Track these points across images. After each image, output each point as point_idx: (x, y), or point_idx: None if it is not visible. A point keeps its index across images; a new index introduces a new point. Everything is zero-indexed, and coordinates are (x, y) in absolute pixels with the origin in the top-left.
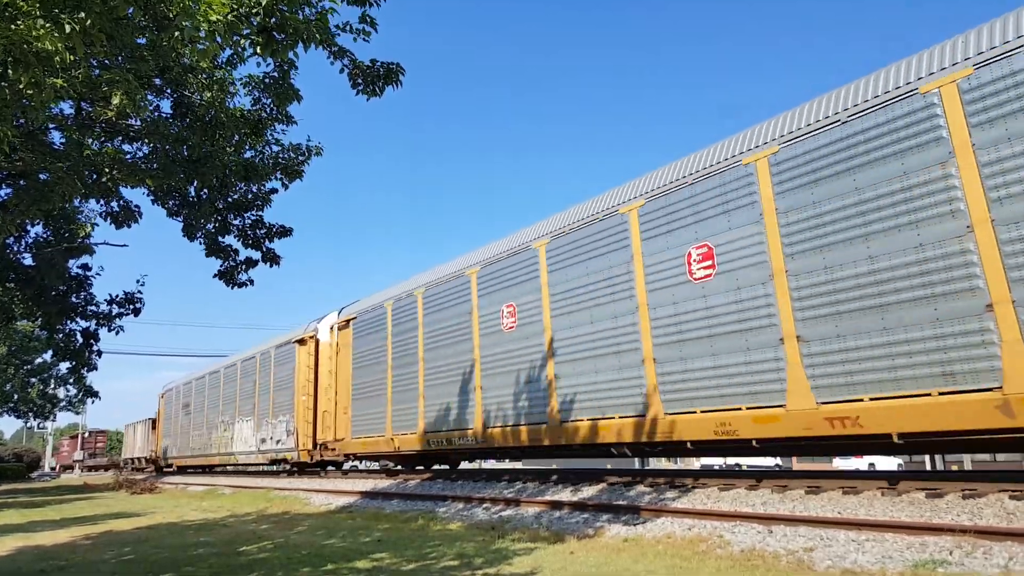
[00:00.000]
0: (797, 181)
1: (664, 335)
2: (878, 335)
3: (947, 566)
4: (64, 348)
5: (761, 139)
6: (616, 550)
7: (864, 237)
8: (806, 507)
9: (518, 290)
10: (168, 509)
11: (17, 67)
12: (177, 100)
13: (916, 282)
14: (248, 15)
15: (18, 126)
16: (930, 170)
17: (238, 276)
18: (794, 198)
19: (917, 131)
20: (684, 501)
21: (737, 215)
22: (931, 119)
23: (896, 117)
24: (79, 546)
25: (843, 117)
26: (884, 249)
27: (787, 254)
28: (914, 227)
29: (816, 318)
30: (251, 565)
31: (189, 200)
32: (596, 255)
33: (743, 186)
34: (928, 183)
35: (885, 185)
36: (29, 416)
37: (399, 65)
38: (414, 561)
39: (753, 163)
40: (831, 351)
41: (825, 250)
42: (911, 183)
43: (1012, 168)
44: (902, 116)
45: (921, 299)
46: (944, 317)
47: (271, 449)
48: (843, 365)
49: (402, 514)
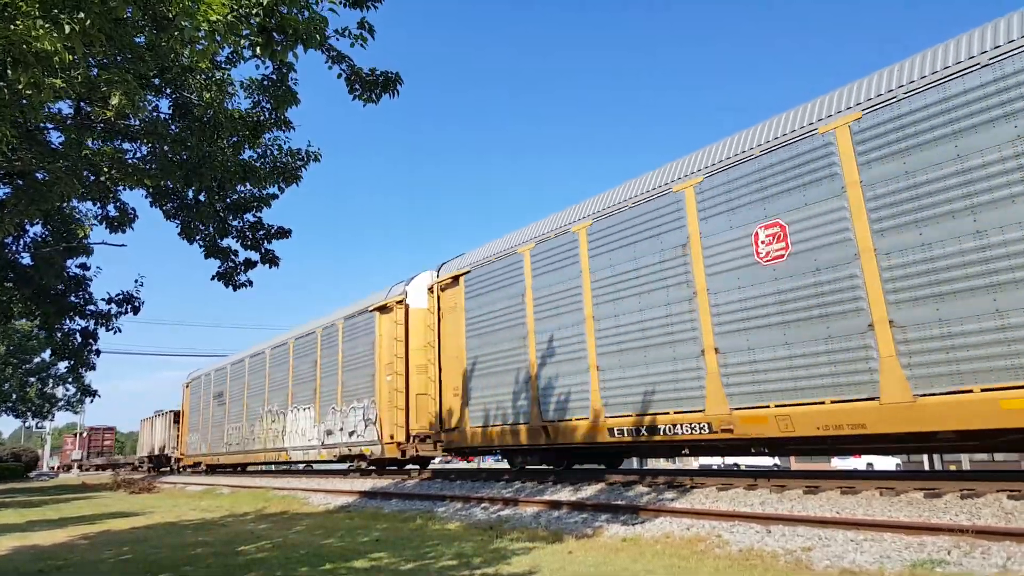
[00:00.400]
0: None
1: (727, 323)
2: (983, 320)
3: (945, 566)
4: (63, 347)
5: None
6: (614, 550)
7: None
8: (804, 507)
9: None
10: (166, 509)
11: (16, 67)
12: (176, 101)
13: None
14: (248, 15)
15: (16, 124)
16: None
17: (237, 277)
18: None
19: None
20: (682, 501)
21: (814, 189)
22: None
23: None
24: (77, 546)
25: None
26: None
27: (875, 231)
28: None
29: (912, 301)
30: (249, 565)
31: (187, 202)
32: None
33: (820, 157)
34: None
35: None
36: (27, 416)
37: (397, 74)
38: (412, 561)
39: (832, 131)
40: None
41: (922, 224)
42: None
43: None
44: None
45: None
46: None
47: (341, 443)
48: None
49: (401, 514)
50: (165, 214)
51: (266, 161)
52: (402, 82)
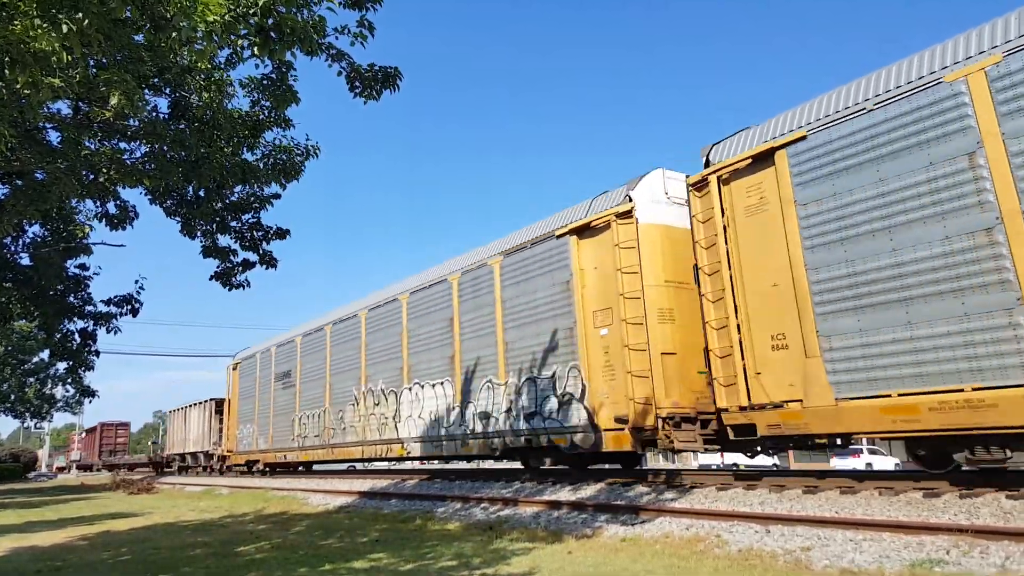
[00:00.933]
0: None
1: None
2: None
3: (944, 565)
4: (62, 348)
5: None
6: (614, 550)
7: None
8: (804, 507)
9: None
10: (165, 509)
11: (15, 67)
12: (175, 101)
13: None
14: (245, 15)
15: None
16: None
17: (235, 278)
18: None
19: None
20: (682, 501)
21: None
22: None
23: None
24: (76, 547)
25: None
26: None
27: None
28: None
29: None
30: (248, 565)
31: (187, 200)
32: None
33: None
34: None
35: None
36: (26, 416)
37: (397, 69)
38: (412, 561)
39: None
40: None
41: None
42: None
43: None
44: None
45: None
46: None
47: (507, 430)
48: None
49: (400, 514)
50: (165, 211)
51: (267, 162)
52: (402, 77)
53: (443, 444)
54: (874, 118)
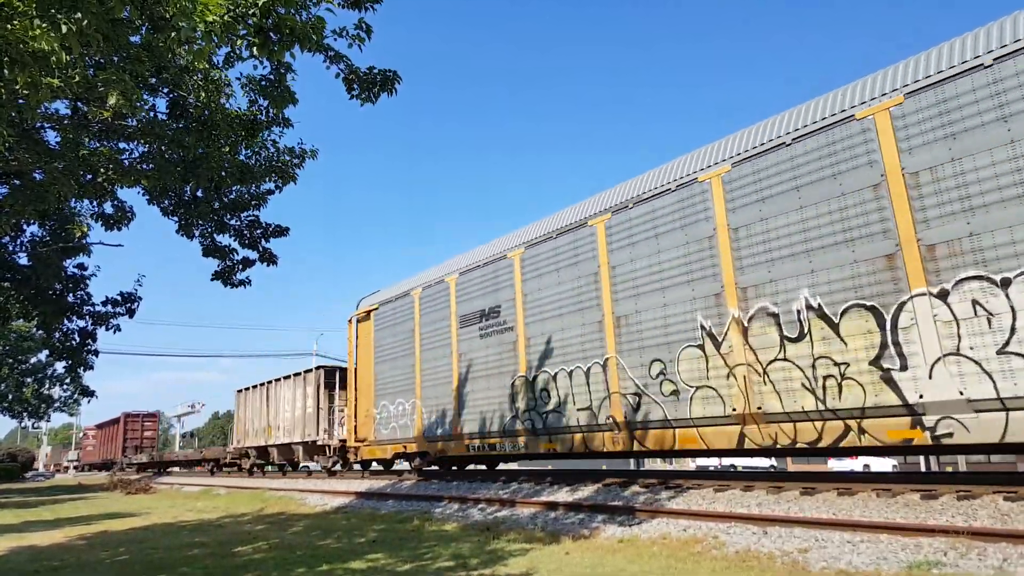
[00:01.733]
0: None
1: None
2: None
3: (942, 567)
4: (61, 347)
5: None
6: (611, 551)
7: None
8: (801, 508)
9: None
10: (163, 510)
11: (14, 67)
12: (173, 101)
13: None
14: (245, 15)
15: (12, 124)
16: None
17: (235, 276)
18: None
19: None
20: (679, 502)
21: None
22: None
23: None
24: (73, 546)
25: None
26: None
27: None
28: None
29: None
30: (247, 565)
31: (185, 200)
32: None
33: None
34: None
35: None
36: (24, 416)
37: (395, 72)
38: (409, 562)
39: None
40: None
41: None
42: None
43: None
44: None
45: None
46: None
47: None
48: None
49: (398, 515)
50: (163, 211)
51: (261, 158)
52: (400, 80)
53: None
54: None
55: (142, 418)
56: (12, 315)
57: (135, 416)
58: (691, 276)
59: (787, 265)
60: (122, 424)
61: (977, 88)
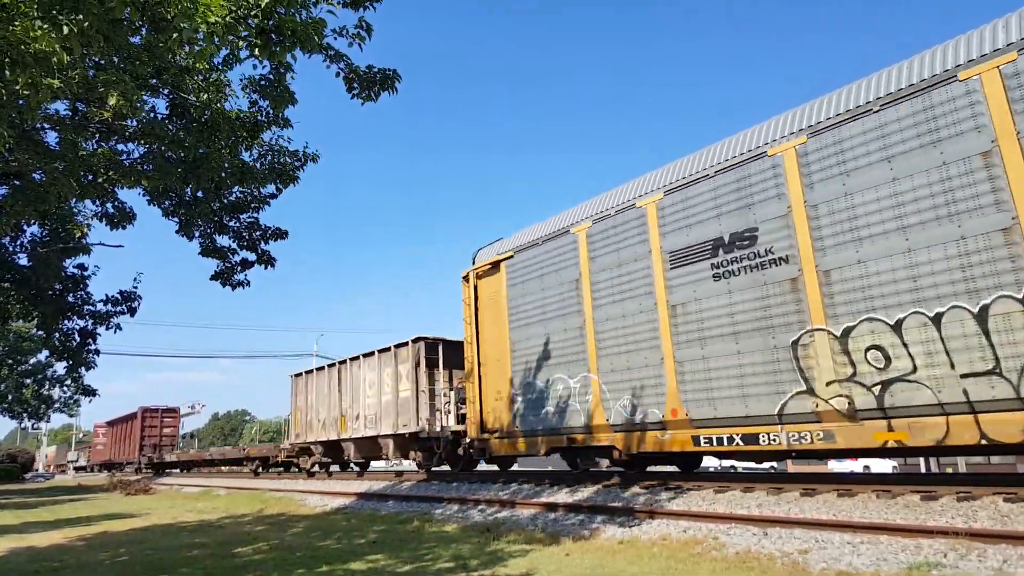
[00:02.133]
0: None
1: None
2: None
3: (941, 568)
4: (62, 347)
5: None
6: (611, 552)
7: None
8: (801, 509)
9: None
10: (163, 510)
11: (14, 68)
12: (173, 101)
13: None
14: (246, 17)
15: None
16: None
17: (234, 277)
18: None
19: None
20: (679, 503)
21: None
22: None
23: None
24: (73, 547)
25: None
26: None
27: None
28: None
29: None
30: (246, 566)
31: (185, 200)
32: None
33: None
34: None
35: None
36: (23, 417)
37: (395, 71)
38: (410, 563)
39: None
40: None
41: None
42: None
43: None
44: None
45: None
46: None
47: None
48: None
49: (398, 516)
50: (163, 212)
51: (264, 162)
52: (400, 79)
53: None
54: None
55: (161, 413)
56: (12, 315)
57: (154, 411)
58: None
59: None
60: (139, 420)
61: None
